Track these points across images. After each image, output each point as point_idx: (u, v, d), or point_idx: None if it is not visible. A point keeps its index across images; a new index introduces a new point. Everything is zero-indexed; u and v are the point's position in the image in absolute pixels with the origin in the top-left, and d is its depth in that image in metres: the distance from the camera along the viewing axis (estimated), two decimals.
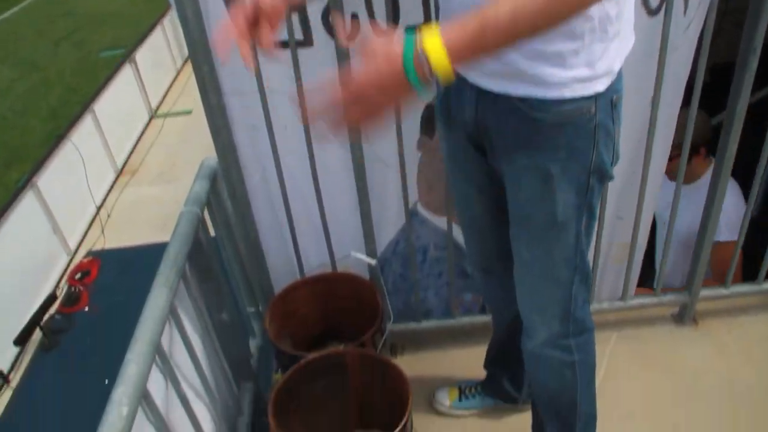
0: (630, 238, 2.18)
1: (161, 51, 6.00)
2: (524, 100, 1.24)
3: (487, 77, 1.27)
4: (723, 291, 2.36)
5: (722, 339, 2.34)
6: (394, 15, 1.70)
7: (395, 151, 1.89)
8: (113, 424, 1.12)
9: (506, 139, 1.32)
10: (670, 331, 2.39)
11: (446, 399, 2.12)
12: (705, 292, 2.35)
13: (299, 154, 1.91)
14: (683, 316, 2.40)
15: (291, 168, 1.96)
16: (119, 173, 4.68)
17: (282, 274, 2.20)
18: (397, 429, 1.60)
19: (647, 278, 2.57)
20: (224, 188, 1.99)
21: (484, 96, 1.31)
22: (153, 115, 5.44)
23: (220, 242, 2.06)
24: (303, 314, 2.12)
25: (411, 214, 2.07)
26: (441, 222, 2.12)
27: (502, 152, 1.36)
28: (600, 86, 1.23)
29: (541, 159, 1.30)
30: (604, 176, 1.35)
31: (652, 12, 1.74)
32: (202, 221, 1.74)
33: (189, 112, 5.25)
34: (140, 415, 1.28)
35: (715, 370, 2.23)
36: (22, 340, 3.44)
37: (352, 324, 2.02)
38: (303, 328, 2.13)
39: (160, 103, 5.63)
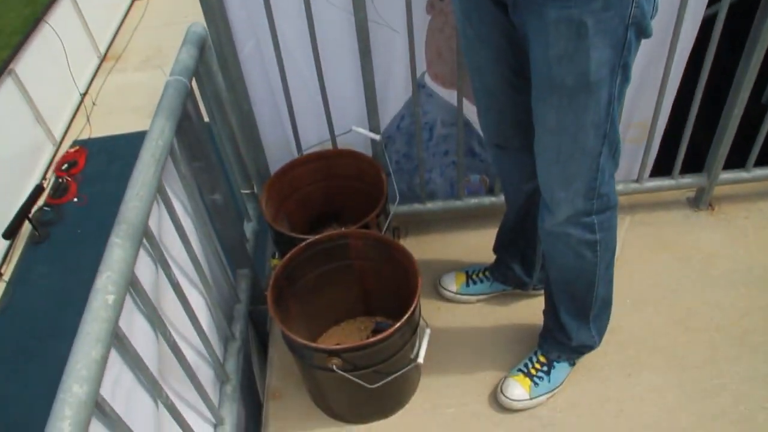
0: (650, 118, 2.04)
1: None
2: None
3: None
4: (744, 174, 2.25)
5: (739, 224, 2.25)
6: None
7: (403, 14, 1.72)
8: (98, 313, 1.01)
9: None
10: (685, 215, 2.29)
11: (452, 284, 2.03)
12: (725, 175, 2.24)
13: (296, 17, 1.73)
14: (699, 201, 2.30)
15: (287, 34, 1.78)
16: (103, 58, 4.52)
17: (278, 152, 2.05)
18: (407, 315, 1.51)
19: None
20: (214, 59, 1.81)
21: None
22: None
23: (211, 118, 1.90)
24: (301, 195, 2.00)
25: (418, 86, 1.91)
26: (450, 96, 1.97)
27: (527, 5, 1.21)
28: None
29: (574, 9, 1.15)
30: (643, 31, 1.21)
31: None
32: (190, 92, 1.58)
33: None
34: (128, 303, 1.18)
35: (731, 254, 2.15)
36: (11, 234, 3.41)
37: (354, 205, 1.91)
38: (301, 209, 2.01)
39: None
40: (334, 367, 1.48)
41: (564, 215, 1.46)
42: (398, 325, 1.49)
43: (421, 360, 1.62)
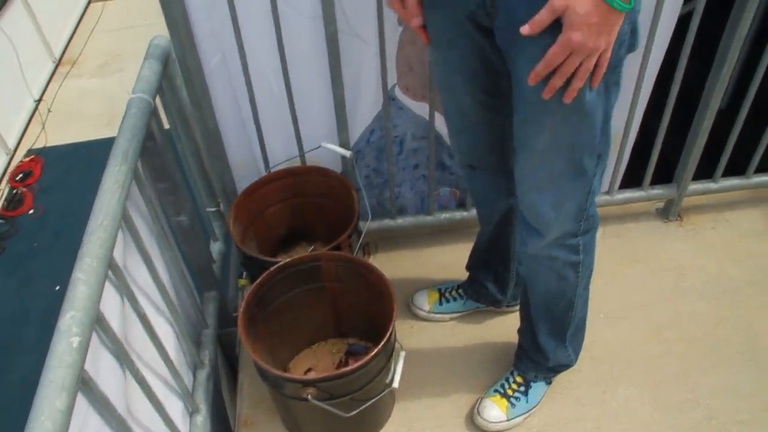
0: (622, 128, 2.03)
1: None
2: None
3: None
4: (711, 185, 2.27)
5: (707, 234, 2.27)
6: None
7: (374, 26, 1.67)
8: (63, 358, 0.94)
9: (531, 8, 1.06)
10: (655, 227, 2.30)
11: (425, 303, 1.99)
12: (693, 186, 2.24)
13: (263, 28, 1.66)
14: (668, 212, 2.31)
15: (254, 46, 1.71)
16: (57, 63, 4.36)
17: (245, 169, 1.98)
18: (383, 341, 1.46)
19: None
20: (178, 73, 1.74)
21: None
22: None
23: (175, 135, 1.83)
24: (270, 213, 1.93)
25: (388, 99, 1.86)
26: (420, 109, 1.93)
27: (519, 27, 1.09)
28: None
29: None
30: (633, 43, 1.15)
31: None
32: (154, 110, 1.51)
33: None
34: (94, 341, 1.10)
35: (700, 266, 2.16)
36: None
37: (324, 223, 1.85)
38: (270, 229, 1.94)
39: None
40: (309, 397, 1.43)
41: (551, 238, 1.41)
42: (375, 351, 1.44)
43: (396, 384, 1.57)
